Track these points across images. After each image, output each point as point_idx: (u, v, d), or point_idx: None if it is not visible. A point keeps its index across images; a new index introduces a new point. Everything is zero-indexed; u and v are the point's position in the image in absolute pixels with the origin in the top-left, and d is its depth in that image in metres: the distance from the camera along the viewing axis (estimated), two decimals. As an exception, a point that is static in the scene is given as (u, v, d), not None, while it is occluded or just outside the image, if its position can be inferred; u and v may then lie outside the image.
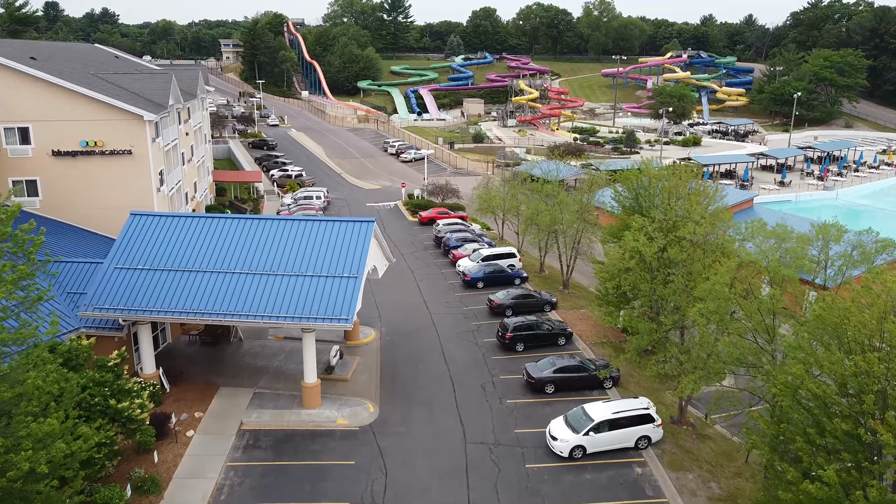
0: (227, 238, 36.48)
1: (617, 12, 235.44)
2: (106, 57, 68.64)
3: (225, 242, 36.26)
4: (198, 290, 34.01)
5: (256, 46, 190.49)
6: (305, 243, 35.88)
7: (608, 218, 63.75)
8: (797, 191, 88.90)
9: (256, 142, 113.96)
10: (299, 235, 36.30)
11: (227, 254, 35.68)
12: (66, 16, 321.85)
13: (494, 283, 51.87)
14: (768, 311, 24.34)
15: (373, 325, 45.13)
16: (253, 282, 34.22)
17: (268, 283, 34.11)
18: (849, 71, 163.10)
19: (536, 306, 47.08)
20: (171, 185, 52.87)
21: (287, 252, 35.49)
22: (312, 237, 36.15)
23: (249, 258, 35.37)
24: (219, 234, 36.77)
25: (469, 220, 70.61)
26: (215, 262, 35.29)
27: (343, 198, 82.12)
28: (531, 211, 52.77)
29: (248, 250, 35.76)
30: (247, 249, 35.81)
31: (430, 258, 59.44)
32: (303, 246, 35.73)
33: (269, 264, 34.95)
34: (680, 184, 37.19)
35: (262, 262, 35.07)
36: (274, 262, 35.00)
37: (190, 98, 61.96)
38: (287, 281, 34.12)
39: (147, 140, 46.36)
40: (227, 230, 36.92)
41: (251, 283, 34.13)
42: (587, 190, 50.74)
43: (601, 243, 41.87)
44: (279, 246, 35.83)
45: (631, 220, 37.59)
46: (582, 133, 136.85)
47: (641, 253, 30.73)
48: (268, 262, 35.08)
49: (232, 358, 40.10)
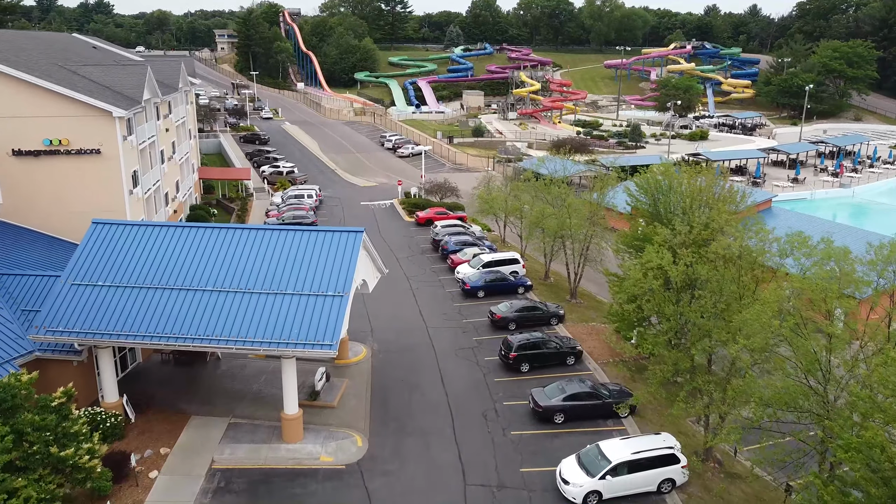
0: (200, 250, 32.64)
1: (619, 2, 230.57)
2: (83, 47, 64.59)
3: (197, 255, 32.42)
4: (164, 310, 30.17)
5: (251, 37, 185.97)
6: (286, 256, 32.04)
7: (619, 221, 60.00)
8: (812, 188, 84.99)
9: (248, 136, 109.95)
10: (279, 247, 32.45)
11: (199, 268, 31.85)
12: (60, 6, 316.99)
13: (496, 291, 48.09)
14: (824, 348, 20.61)
15: (364, 340, 41.36)
16: (226, 301, 30.40)
17: (242, 302, 30.29)
18: (858, 62, 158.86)
19: (542, 319, 43.32)
20: (147, 186, 48.97)
21: (265, 266, 31.67)
22: (294, 249, 32.30)
23: (223, 273, 31.54)
24: (190, 245, 32.93)
25: (469, 220, 66.80)
26: (185, 277, 31.46)
27: (336, 196, 78.21)
28: (536, 214, 48.93)
29: (222, 264, 31.93)
30: (220, 263, 31.99)
31: (427, 263, 55.62)
32: (283, 259, 31.90)
33: (245, 281, 31.13)
34: (704, 189, 33.36)
35: (236, 279, 31.26)
36: (250, 279, 31.19)
37: (171, 91, 58.00)
38: (264, 300, 30.29)
39: (117, 138, 42.42)
40: (201, 241, 33.07)
41: (224, 303, 30.31)
42: (597, 190, 46.83)
43: (615, 252, 38.12)
44: (257, 259, 32.00)
45: (649, 230, 33.78)
46: (585, 126, 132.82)
47: (665, 270, 26.94)
48: (243, 278, 31.26)
49: (208, 381, 36.34)
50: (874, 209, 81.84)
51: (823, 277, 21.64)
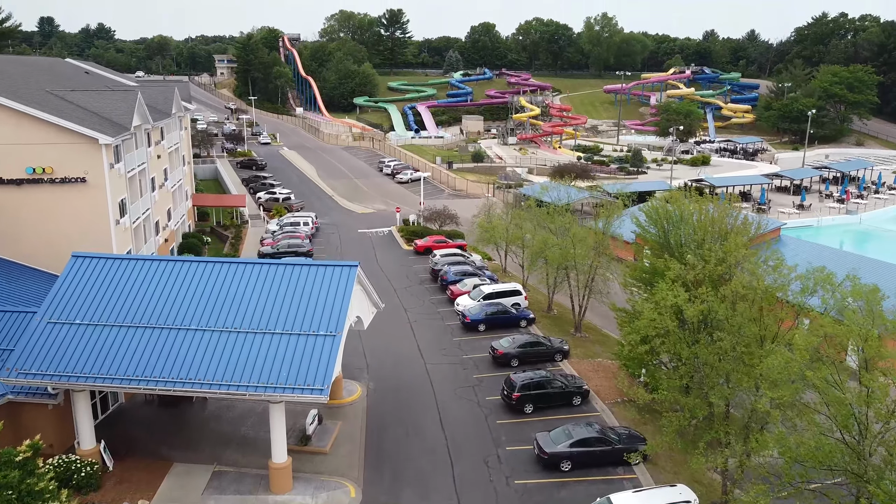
0: (185, 286, 30.83)
1: (618, 28, 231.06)
2: (74, 72, 63.34)
3: (181, 291, 30.61)
4: (143, 351, 28.28)
5: (250, 62, 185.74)
6: (275, 293, 30.23)
7: (624, 250, 58.30)
8: (819, 215, 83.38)
9: (245, 161, 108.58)
10: (268, 283, 30.65)
11: (183, 305, 30.03)
12: (61, 31, 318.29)
13: (497, 325, 46.17)
14: (862, 401, 18.75)
15: (359, 378, 39.37)
16: (210, 341, 28.53)
17: (227, 342, 28.42)
18: (859, 87, 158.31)
19: (546, 355, 41.36)
20: (136, 215, 47.24)
21: (253, 303, 29.85)
22: (284, 285, 30.49)
23: (208, 311, 29.71)
24: (174, 280, 31.13)
25: (469, 249, 65.06)
26: (168, 315, 29.62)
27: (333, 223, 76.52)
28: (539, 243, 47.17)
29: (207, 301, 30.11)
30: (205, 300, 30.17)
31: (426, 294, 53.74)
32: (272, 296, 30.09)
33: (231, 319, 29.29)
34: (717, 220, 31.65)
35: (222, 316, 29.42)
36: (237, 317, 29.35)
37: (163, 117, 56.54)
38: (251, 340, 28.42)
39: (104, 166, 40.77)
40: (185, 276, 31.28)
41: (208, 343, 28.43)
42: (603, 219, 45.09)
43: (623, 286, 36.32)
44: (244, 296, 30.19)
45: (660, 264, 31.99)
46: (586, 151, 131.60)
47: (680, 309, 25.11)
48: (229, 315, 29.43)
49: (193, 423, 34.32)
50: (882, 236, 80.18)
51: (860, 323, 19.81)
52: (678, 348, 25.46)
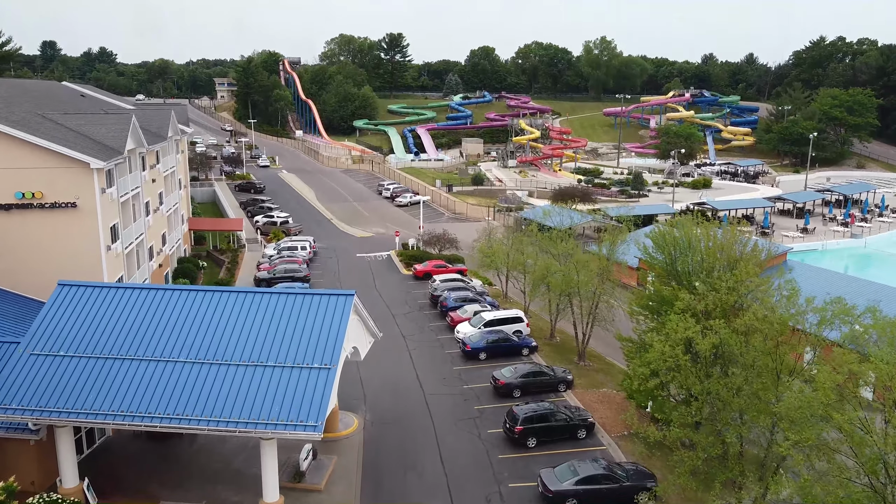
0: (174, 315, 29.69)
1: (617, 51, 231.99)
2: (70, 96, 62.70)
3: (170, 321, 29.46)
4: (129, 385, 27.07)
5: (250, 85, 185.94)
6: (268, 323, 29.08)
7: (629, 275, 57.20)
8: (823, 239, 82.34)
9: (243, 184, 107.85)
10: (260, 312, 29.51)
11: (172, 336, 28.87)
12: (63, 55, 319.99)
13: (499, 353, 44.91)
14: (892, 445, 17.54)
15: (356, 409, 38.01)
16: (199, 374, 27.32)
17: (217, 375, 27.21)
18: (859, 110, 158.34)
19: (549, 386, 40.07)
20: (129, 240, 46.20)
21: (244, 334, 28.69)
22: (277, 315, 29.34)
23: (198, 342, 28.55)
24: (164, 309, 29.99)
25: (469, 273, 63.96)
26: (156, 346, 28.45)
27: (331, 247, 75.47)
28: (541, 269, 46.07)
29: (197, 331, 28.96)
30: (195, 330, 29.02)
31: (426, 321, 52.51)
32: (264, 326, 28.93)
33: (222, 350, 28.11)
34: (726, 246, 30.57)
35: (212, 348, 28.25)
36: (227, 348, 28.17)
37: (158, 140, 55.71)
38: (242, 373, 27.22)
39: (95, 191, 39.81)
40: (175, 305, 30.15)
41: (197, 376, 27.23)
42: (608, 244, 44.02)
43: (629, 314, 35.17)
44: (235, 326, 29.03)
45: (668, 293, 30.86)
46: (586, 174, 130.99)
47: (691, 342, 23.94)
48: (219, 347, 28.25)
49: (182, 457, 32.92)
50: (888, 260, 79.09)
51: (888, 360, 18.64)
52: (689, 383, 24.25)
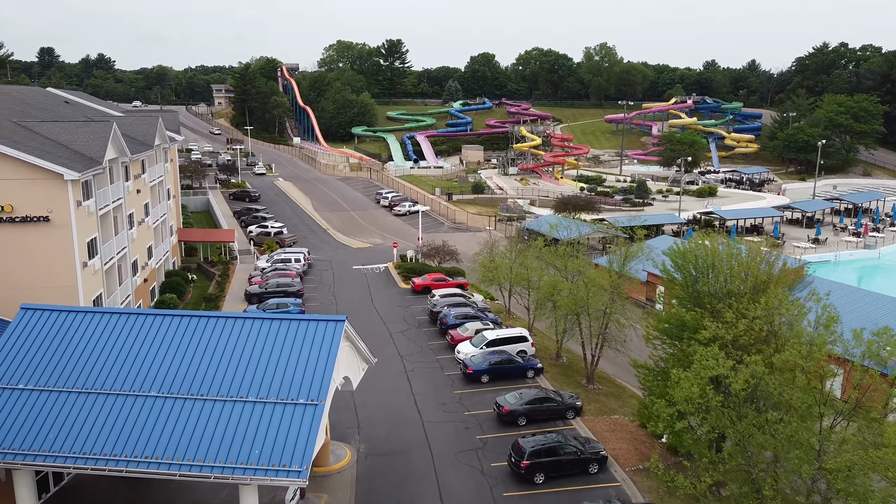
0: (148, 343, 26.99)
1: (618, 57, 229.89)
2: (52, 102, 60.07)
3: (143, 350, 26.76)
4: (95, 422, 24.37)
5: (247, 91, 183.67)
6: (250, 352, 26.37)
7: (637, 290, 54.55)
8: (836, 250, 79.65)
9: (238, 193, 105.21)
10: (242, 340, 26.80)
11: (145, 366, 26.17)
12: (61, 62, 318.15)
13: (502, 375, 42.16)
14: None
15: (348, 438, 35.24)
16: (173, 411, 24.60)
17: (193, 412, 24.49)
18: (864, 117, 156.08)
19: (556, 413, 37.30)
20: (109, 255, 43.54)
21: (224, 365, 25.99)
22: (260, 343, 26.64)
23: (172, 373, 25.84)
24: (136, 337, 27.29)
25: (470, 287, 61.27)
26: (126, 378, 25.76)
27: (327, 259, 72.75)
28: (547, 287, 43.37)
29: (173, 362, 26.25)
30: (171, 360, 26.32)
31: (424, 339, 49.77)
32: (245, 356, 26.22)
33: (199, 383, 25.40)
34: (752, 265, 27.89)
35: (188, 380, 25.55)
36: (205, 381, 25.47)
37: (144, 149, 53.10)
38: (220, 410, 24.51)
39: (69, 204, 37.19)
40: (149, 331, 27.46)
41: (170, 413, 24.52)
42: (618, 257, 41.30)
43: (645, 339, 32.43)
44: (214, 355, 26.33)
45: (690, 318, 28.18)
46: (588, 182, 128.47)
47: (723, 380, 21.24)
48: (196, 379, 25.54)
49: (158, 495, 30.15)
50: (903, 272, 76.37)
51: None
52: (721, 424, 21.55)
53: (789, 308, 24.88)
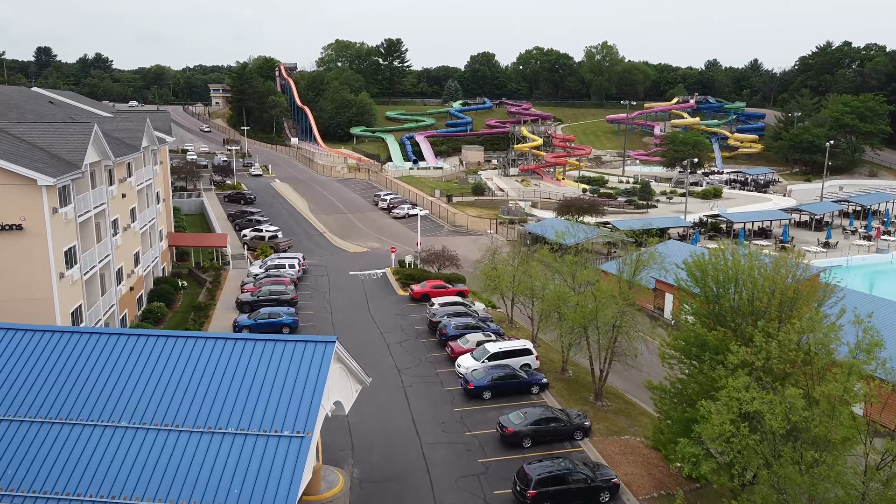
0: (119, 367, 24.67)
1: (620, 56, 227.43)
2: (35, 103, 57.76)
3: (111, 373, 24.44)
4: (48, 454, 22.06)
5: (244, 91, 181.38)
6: (230, 377, 24.05)
7: (643, 298, 52.20)
8: (847, 253, 77.32)
9: (233, 195, 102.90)
10: (222, 364, 24.48)
11: (115, 393, 23.86)
12: (58, 61, 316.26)
13: (505, 391, 39.86)
14: None
15: (341, 462, 32.89)
16: (144, 443, 22.28)
17: (165, 445, 22.17)
18: (871, 116, 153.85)
19: (563, 433, 35.03)
20: (90, 264, 41.24)
21: (202, 391, 23.68)
22: (241, 368, 24.32)
23: (144, 401, 23.53)
24: (107, 359, 24.96)
25: (470, 294, 58.98)
26: (92, 406, 23.45)
27: (323, 264, 70.44)
28: (553, 297, 41.07)
29: (145, 387, 23.94)
30: (144, 386, 24.01)
31: (423, 351, 47.46)
32: (226, 381, 23.90)
33: (173, 412, 23.09)
34: (779, 281, 25.59)
35: (161, 409, 23.24)
36: (179, 409, 23.15)
37: (130, 151, 50.80)
38: (195, 443, 22.18)
39: (44, 211, 34.91)
40: (121, 354, 25.13)
41: (141, 446, 22.19)
42: (630, 268, 38.99)
43: (661, 359, 30.13)
44: (191, 381, 24.01)
45: (712, 338, 25.87)
46: (591, 183, 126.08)
47: (758, 416, 18.96)
48: (170, 408, 23.23)
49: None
50: (917, 277, 74.08)
51: None
52: (754, 465, 19.30)
53: (827, 330, 22.58)
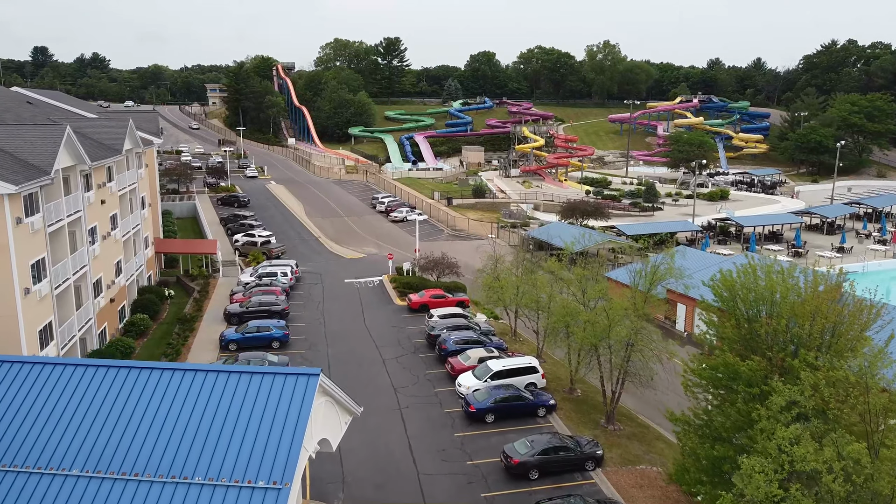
0: (73, 403, 21.75)
1: (622, 55, 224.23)
2: (12, 103, 54.81)
3: (64, 411, 21.53)
4: (-5, 512, 19.12)
5: (241, 91, 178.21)
6: (199, 416, 21.11)
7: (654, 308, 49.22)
8: (864, 259, 74.28)
9: (226, 197, 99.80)
10: (190, 401, 21.55)
11: (67, 435, 20.93)
12: (54, 61, 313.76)
13: (509, 414, 36.96)
14: None
15: (330, 497, 30.04)
16: (98, 495, 19.33)
17: (122, 498, 19.22)
18: (879, 116, 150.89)
19: (574, 463, 32.13)
20: (63, 277, 38.32)
21: (167, 433, 20.74)
22: (212, 405, 21.38)
23: (100, 444, 20.63)
24: (61, 395, 22.05)
25: (470, 303, 56.09)
26: (39, 451, 20.48)
27: (317, 271, 67.48)
28: (560, 312, 38.15)
29: (102, 428, 21.02)
30: (101, 426, 21.09)
31: (421, 367, 44.52)
32: (194, 421, 20.96)
33: (132, 458, 20.15)
34: (822, 303, 22.67)
35: (119, 454, 20.30)
36: (140, 454, 20.22)
37: (111, 154, 47.86)
38: (157, 495, 19.24)
39: (6, 221, 31.98)
40: (76, 388, 22.20)
41: (92, 499, 19.24)
42: (645, 280, 36.07)
43: (683, 387, 27.20)
44: (154, 421, 21.08)
45: (745, 368, 22.93)
46: (594, 184, 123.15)
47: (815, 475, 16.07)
48: (129, 453, 20.29)
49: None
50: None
51: None
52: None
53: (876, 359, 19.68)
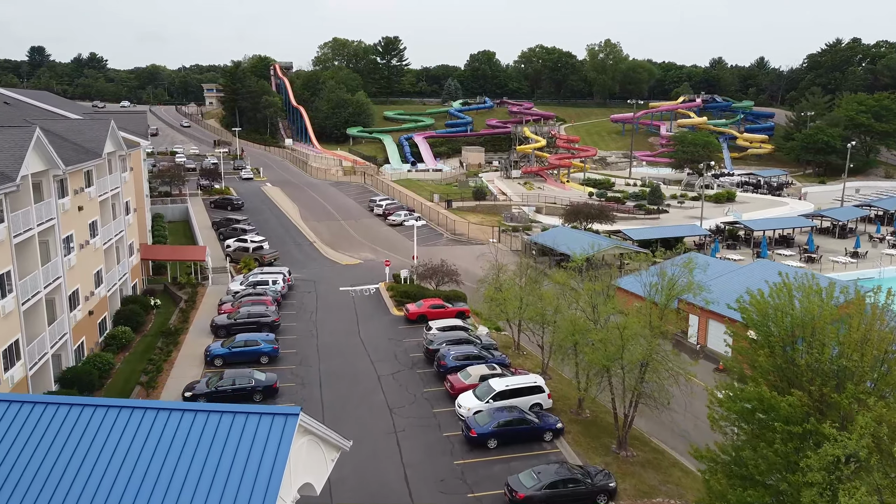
0: (15, 449, 18.96)
1: (623, 54, 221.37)
2: (-12, 103, 52.16)
3: (8, 458, 18.74)
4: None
5: (237, 91, 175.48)
6: (159, 464, 18.33)
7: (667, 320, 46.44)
8: (880, 264, 71.50)
9: (220, 200, 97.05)
10: (151, 444, 18.78)
11: (5, 486, 18.16)
12: (52, 61, 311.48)
13: (513, 439, 34.25)
14: None
15: (319, 536, 27.25)
16: (38, 561, 16.60)
17: (66, 566, 16.50)
18: (887, 115, 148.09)
19: (585, 497, 29.41)
20: (33, 290, 35.61)
21: (122, 483, 17.98)
22: (176, 449, 18.61)
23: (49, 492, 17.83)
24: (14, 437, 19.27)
25: (472, 314, 53.37)
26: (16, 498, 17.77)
27: (311, 279, 64.74)
28: (568, 327, 35.41)
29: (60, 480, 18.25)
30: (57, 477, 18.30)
31: (419, 384, 41.78)
32: (153, 470, 18.19)
33: (82, 514, 17.41)
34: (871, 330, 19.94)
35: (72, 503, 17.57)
36: None
37: (89, 158, 45.12)
38: (106, 562, 16.50)
39: (-36, 233, 29.28)
40: (20, 430, 19.42)
41: (32, 566, 16.52)
42: (662, 294, 33.32)
43: (711, 422, 24.35)
44: (109, 469, 18.31)
45: (784, 406, 20.20)
46: (597, 186, 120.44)
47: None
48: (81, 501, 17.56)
49: None
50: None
51: None
52: None
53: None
